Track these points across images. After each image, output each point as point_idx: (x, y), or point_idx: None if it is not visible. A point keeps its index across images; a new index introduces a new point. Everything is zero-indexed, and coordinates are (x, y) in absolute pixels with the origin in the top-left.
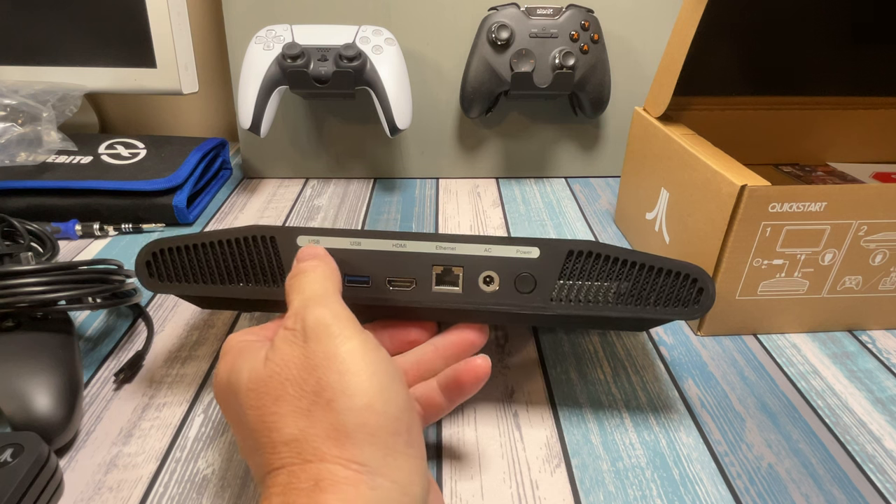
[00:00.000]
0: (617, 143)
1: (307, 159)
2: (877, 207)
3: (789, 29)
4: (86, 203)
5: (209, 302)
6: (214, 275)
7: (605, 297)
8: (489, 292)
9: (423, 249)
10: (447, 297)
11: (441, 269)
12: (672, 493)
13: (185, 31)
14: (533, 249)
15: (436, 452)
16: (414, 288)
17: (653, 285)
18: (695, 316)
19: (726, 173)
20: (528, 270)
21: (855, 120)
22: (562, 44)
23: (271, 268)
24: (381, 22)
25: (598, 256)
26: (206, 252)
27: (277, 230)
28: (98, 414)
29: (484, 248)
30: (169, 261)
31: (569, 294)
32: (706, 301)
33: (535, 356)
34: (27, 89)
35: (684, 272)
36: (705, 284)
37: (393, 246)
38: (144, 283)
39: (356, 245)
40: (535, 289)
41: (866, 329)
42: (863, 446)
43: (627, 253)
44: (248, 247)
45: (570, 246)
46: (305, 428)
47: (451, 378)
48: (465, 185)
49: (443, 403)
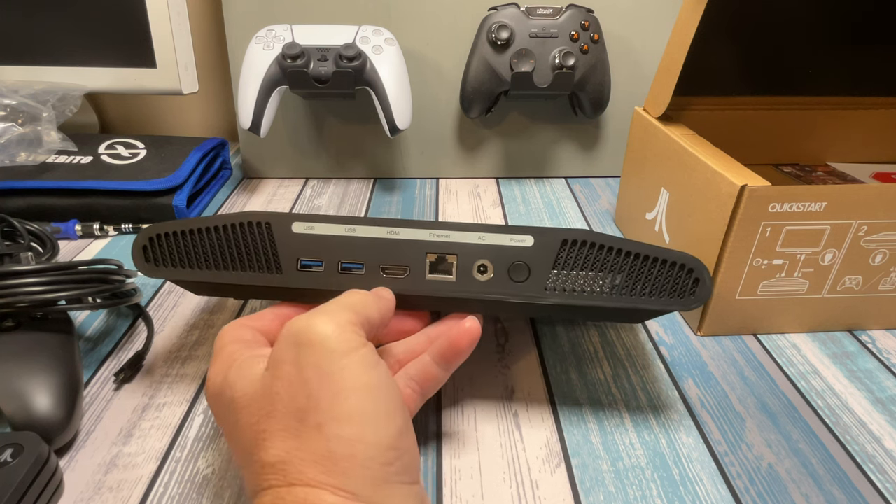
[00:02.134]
0: (617, 143)
1: (307, 159)
2: (877, 207)
3: (789, 29)
4: (86, 203)
5: (204, 288)
6: (210, 260)
7: (601, 287)
8: (483, 281)
9: (417, 237)
10: (441, 285)
11: (435, 256)
12: (672, 493)
13: (185, 31)
14: (527, 238)
15: (436, 452)
16: (407, 276)
17: (648, 275)
18: (691, 307)
19: (726, 173)
20: (522, 259)
21: (855, 120)
22: (562, 44)
23: (266, 254)
24: (381, 22)
25: (592, 245)
26: (202, 237)
27: (273, 216)
28: (98, 414)
29: (478, 235)
30: (165, 246)
31: (563, 283)
32: (702, 292)
33: (535, 356)
34: (27, 89)
35: (680, 262)
36: (701, 275)
37: (387, 233)
38: (140, 268)
39: (351, 232)
40: (529, 278)
41: (866, 329)
42: (863, 446)
43: (622, 242)
44: (243, 233)
45: (564, 235)
46: (292, 449)
47: (445, 346)
48: (465, 185)
49: (438, 373)
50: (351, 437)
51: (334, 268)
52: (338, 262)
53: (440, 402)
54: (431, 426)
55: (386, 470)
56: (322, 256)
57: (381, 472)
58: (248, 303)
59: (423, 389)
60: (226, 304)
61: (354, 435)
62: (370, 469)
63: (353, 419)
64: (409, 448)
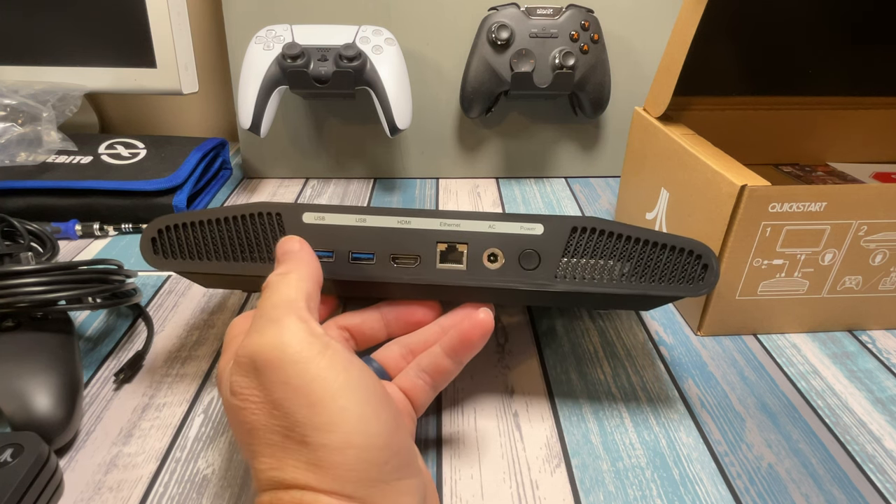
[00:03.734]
0: (617, 143)
1: (307, 159)
2: (877, 207)
3: (789, 29)
4: (86, 203)
5: (213, 280)
6: (220, 252)
7: (610, 274)
8: (493, 269)
9: (427, 226)
10: (451, 274)
11: (445, 245)
12: (672, 493)
13: (185, 31)
14: (537, 226)
15: (436, 452)
16: (418, 265)
17: (657, 262)
18: (700, 293)
19: (726, 173)
20: (532, 247)
21: (855, 120)
22: (562, 44)
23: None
24: (381, 22)
25: (601, 232)
26: (211, 228)
27: (283, 207)
28: (98, 414)
29: (488, 224)
30: (174, 237)
31: (573, 271)
32: (711, 278)
33: (535, 356)
34: (27, 89)
35: (688, 248)
36: (709, 261)
37: (398, 223)
38: (149, 260)
39: (361, 221)
40: (540, 265)
41: (866, 329)
42: (863, 446)
43: (631, 229)
44: (254, 224)
45: (574, 222)
46: (283, 458)
47: (457, 338)
48: (465, 185)
49: (450, 366)
50: (339, 444)
51: (345, 258)
52: (348, 252)
53: (440, 401)
54: (431, 426)
55: (381, 469)
56: (332, 247)
57: (377, 472)
58: (250, 298)
59: (434, 382)
60: (226, 304)
61: (342, 441)
62: (365, 471)
63: (336, 426)
64: (404, 443)
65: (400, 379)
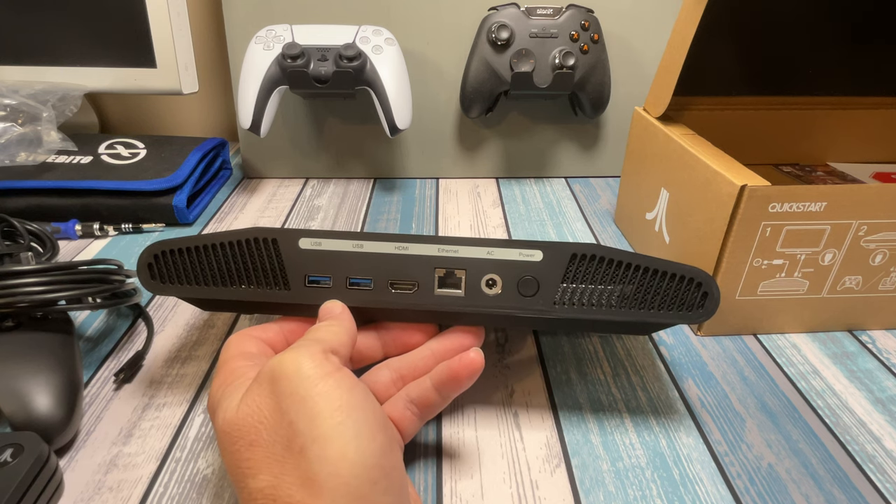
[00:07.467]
0: (617, 143)
1: (307, 159)
2: (877, 207)
3: (789, 29)
4: (86, 203)
5: (211, 304)
6: (216, 277)
7: (609, 301)
8: (492, 295)
9: (425, 252)
10: (449, 300)
11: (443, 271)
12: (672, 493)
13: (185, 31)
14: (536, 252)
15: (436, 452)
16: (416, 291)
17: (657, 289)
18: (699, 320)
19: (726, 173)
20: (531, 274)
21: (855, 120)
22: (562, 44)
23: (273, 270)
24: (381, 22)
25: (601, 260)
26: (207, 254)
27: (280, 232)
28: (98, 414)
29: (487, 250)
30: (171, 263)
31: (572, 297)
32: (710, 305)
33: (535, 356)
34: (27, 89)
35: (688, 276)
36: (710, 289)
37: (395, 248)
38: (146, 285)
39: (358, 247)
40: (538, 292)
41: (866, 329)
42: (863, 446)
43: (631, 256)
44: (249, 249)
45: (573, 249)
46: (279, 474)
47: (446, 374)
48: (465, 185)
49: (437, 400)
50: (334, 456)
51: (342, 283)
52: (346, 277)
53: None
54: (431, 426)
55: (372, 488)
56: (330, 272)
57: (368, 490)
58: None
59: (422, 413)
60: None
61: (337, 454)
62: (357, 487)
63: (333, 439)
64: (395, 466)
65: (388, 407)
